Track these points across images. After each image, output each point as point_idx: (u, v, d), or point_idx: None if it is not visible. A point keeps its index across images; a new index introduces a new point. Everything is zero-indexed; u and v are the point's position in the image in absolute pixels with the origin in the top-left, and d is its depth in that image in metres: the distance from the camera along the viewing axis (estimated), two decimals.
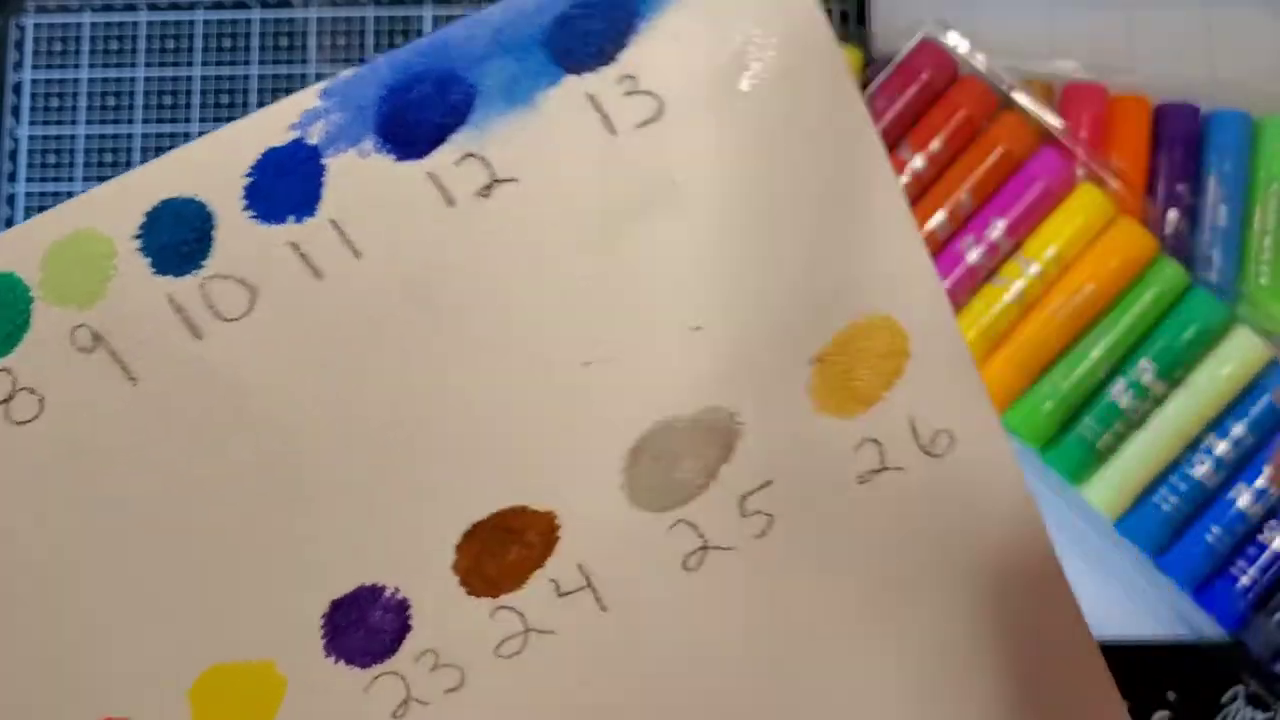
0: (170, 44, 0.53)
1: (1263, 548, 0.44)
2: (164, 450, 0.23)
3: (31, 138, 0.53)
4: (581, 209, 0.24)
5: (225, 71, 0.53)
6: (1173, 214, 0.47)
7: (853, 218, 0.24)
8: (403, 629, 0.24)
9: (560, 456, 0.24)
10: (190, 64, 0.53)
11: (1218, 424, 0.44)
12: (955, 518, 0.25)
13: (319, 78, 0.53)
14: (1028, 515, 0.25)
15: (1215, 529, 0.44)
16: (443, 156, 0.23)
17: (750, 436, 0.25)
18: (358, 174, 0.23)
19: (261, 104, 0.53)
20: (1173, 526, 0.44)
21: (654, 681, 0.25)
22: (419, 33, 0.53)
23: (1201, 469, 0.44)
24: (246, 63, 0.53)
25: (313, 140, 0.23)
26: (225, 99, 0.53)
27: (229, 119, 0.52)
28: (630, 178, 0.24)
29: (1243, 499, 0.44)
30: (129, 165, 0.53)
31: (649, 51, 0.24)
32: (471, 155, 0.23)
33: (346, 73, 0.23)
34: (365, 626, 0.24)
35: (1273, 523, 0.44)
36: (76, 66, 0.53)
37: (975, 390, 0.25)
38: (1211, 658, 0.45)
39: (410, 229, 0.23)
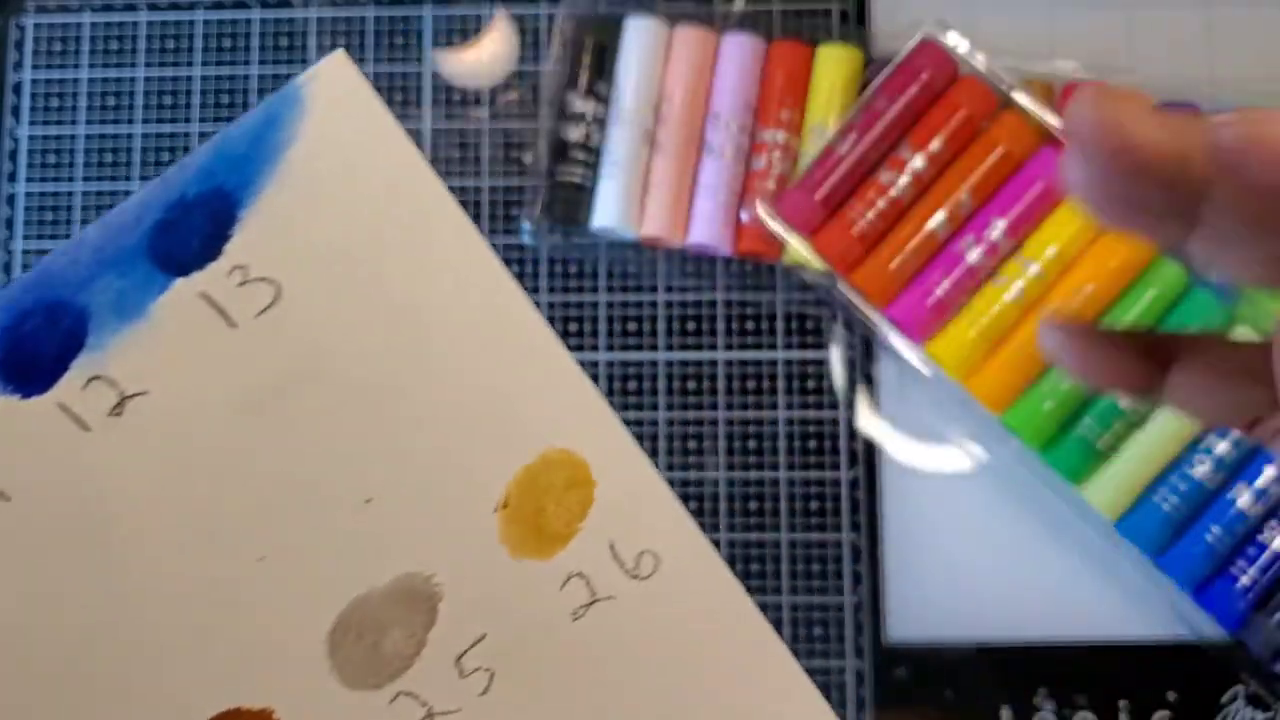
0: (170, 44, 0.53)
1: (1263, 548, 0.44)
2: None
3: (31, 138, 0.53)
4: (218, 407, 0.24)
5: (225, 71, 0.53)
6: None
7: (500, 359, 0.25)
8: None
9: (260, 651, 0.24)
10: (190, 64, 0.53)
11: None
12: (675, 633, 0.26)
13: None
14: (747, 614, 0.26)
15: (1215, 529, 0.44)
16: (69, 384, 0.23)
17: (451, 596, 0.25)
18: None
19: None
20: (1173, 526, 0.44)
21: None
22: (418, 33, 0.53)
23: (1201, 469, 0.44)
24: (246, 63, 0.53)
25: None
26: (225, 99, 0.53)
27: (229, 119, 0.52)
28: (260, 366, 0.24)
29: (1243, 499, 0.44)
30: (129, 165, 0.53)
31: (255, 238, 0.24)
32: (96, 378, 0.23)
33: None
34: None
35: (1273, 523, 0.44)
36: (76, 66, 0.53)
37: (669, 506, 0.26)
38: (1211, 658, 0.45)
39: (52, 462, 0.24)
